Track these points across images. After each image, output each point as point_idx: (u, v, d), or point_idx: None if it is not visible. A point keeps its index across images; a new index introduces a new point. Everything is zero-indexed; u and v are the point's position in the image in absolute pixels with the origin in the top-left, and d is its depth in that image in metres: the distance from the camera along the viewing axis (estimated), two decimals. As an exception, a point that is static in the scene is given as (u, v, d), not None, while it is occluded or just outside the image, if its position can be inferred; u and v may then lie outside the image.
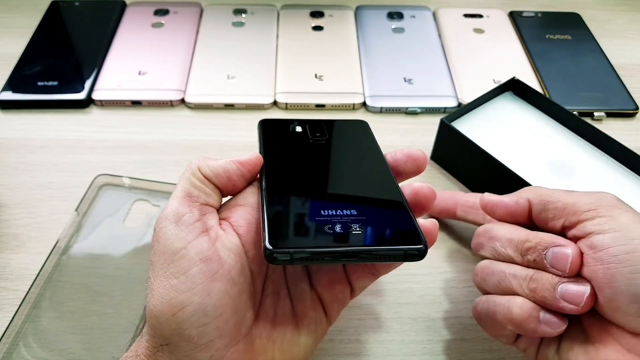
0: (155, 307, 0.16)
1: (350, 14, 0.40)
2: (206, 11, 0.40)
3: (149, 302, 0.16)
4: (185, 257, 0.16)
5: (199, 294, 0.16)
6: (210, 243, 0.17)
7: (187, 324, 0.16)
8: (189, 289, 0.16)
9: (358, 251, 0.16)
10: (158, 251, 0.17)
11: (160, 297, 0.16)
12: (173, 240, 0.16)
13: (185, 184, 0.18)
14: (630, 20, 0.42)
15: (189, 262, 0.16)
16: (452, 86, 0.35)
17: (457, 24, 0.39)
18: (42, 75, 0.34)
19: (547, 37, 0.39)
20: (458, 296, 0.24)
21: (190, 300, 0.16)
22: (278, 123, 0.22)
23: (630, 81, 0.35)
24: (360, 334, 0.23)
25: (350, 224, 0.16)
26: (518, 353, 0.22)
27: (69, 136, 0.31)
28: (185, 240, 0.16)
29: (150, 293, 0.16)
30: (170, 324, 0.16)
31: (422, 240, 0.16)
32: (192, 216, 0.17)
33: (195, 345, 0.16)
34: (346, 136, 0.22)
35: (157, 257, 0.17)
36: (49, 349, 0.22)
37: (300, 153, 0.20)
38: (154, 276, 0.16)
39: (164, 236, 0.17)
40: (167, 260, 0.16)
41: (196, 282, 0.16)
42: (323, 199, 0.18)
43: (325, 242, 0.16)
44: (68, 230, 0.26)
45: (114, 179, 0.28)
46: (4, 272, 0.25)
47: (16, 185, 0.29)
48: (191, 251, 0.16)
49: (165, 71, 0.35)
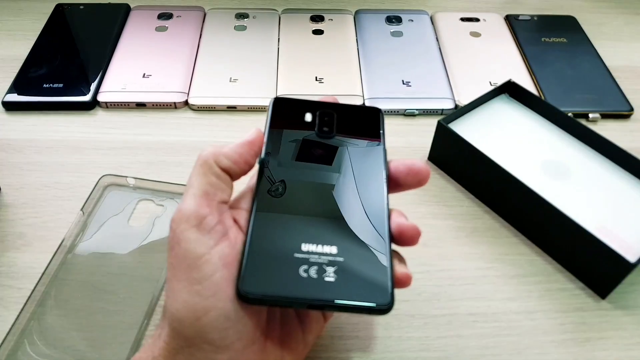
0: (179, 312, 0.16)
1: (350, 18, 0.41)
2: (209, 15, 0.41)
3: (171, 306, 0.16)
4: (209, 263, 0.16)
5: (223, 299, 0.16)
6: (231, 247, 0.17)
7: (210, 328, 0.16)
8: (213, 295, 0.16)
9: (325, 305, 0.16)
10: (180, 255, 0.16)
11: (185, 302, 0.16)
12: (195, 245, 0.16)
13: (202, 182, 0.17)
14: (625, 23, 0.42)
15: (212, 267, 0.16)
16: (449, 89, 0.35)
17: (454, 28, 0.40)
18: (47, 78, 0.34)
19: (543, 40, 0.39)
20: (455, 293, 0.25)
21: (214, 305, 0.16)
22: (290, 105, 0.21)
23: (625, 83, 0.36)
24: (359, 330, 0.23)
25: (326, 266, 0.17)
26: (514, 349, 0.23)
27: (75, 137, 0.32)
28: (208, 246, 0.16)
29: (172, 296, 0.16)
30: (194, 328, 0.16)
31: (390, 299, 0.16)
32: (213, 219, 0.17)
33: (216, 347, 0.16)
34: (353, 133, 0.21)
35: (178, 261, 0.16)
36: (54, 346, 0.22)
37: (301, 154, 0.20)
38: (176, 280, 0.16)
39: (186, 240, 0.16)
40: (190, 265, 0.16)
41: (220, 287, 0.16)
42: (307, 228, 0.18)
43: (296, 289, 0.16)
44: (73, 229, 0.26)
45: (119, 179, 0.29)
46: (10, 270, 0.25)
47: (22, 185, 0.29)
48: (214, 257, 0.16)
49: (169, 74, 0.35)
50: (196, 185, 0.17)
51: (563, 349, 0.23)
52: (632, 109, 0.34)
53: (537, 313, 0.24)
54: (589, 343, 0.23)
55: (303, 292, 0.16)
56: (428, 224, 0.28)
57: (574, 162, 0.29)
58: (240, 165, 0.18)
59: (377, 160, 0.20)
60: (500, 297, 0.25)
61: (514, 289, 0.25)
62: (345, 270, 0.17)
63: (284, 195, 0.18)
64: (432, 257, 0.26)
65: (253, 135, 0.19)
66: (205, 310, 0.16)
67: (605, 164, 0.28)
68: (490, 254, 0.26)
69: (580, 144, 0.29)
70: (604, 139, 0.28)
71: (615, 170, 0.28)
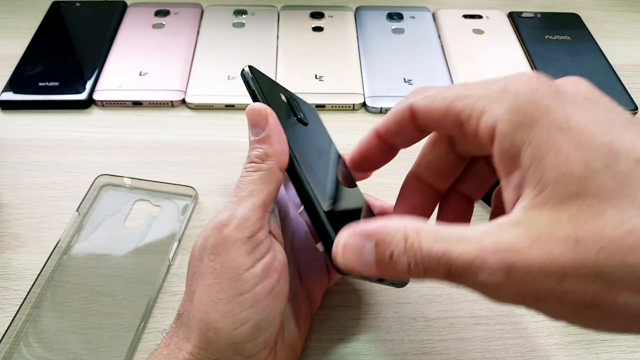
0: (217, 322, 0.16)
1: (350, 14, 0.41)
2: (207, 12, 0.40)
3: (208, 315, 0.16)
4: (253, 275, 0.16)
5: (260, 310, 0.16)
6: (274, 260, 0.17)
7: (244, 338, 0.16)
8: (252, 306, 0.16)
9: None
10: (227, 264, 0.16)
11: (224, 311, 0.16)
12: (245, 258, 0.16)
13: (265, 192, 0.16)
14: (629, 21, 0.42)
15: (256, 279, 0.16)
16: (452, 87, 0.35)
17: (457, 25, 0.40)
18: (43, 76, 0.34)
19: (547, 37, 0.39)
20: (457, 296, 0.24)
21: (252, 316, 0.16)
22: (267, 81, 0.19)
23: (630, 81, 0.35)
24: (360, 333, 0.23)
25: None
26: (518, 352, 0.22)
27: (70, 136, 0.31)
28: (255, 258, 0.16)
29: (211, 305, 0.16)
30: (229, 338, 0.16)
31: None
32: (264, 232, 0.16)
33: (244, 357, 0.16)
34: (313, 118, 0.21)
35: (223, 269, 0.16)
36: (49, 348, 0.22)
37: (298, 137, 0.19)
38: (218, 288, 0.16)
39: (236, 250, 0.16)
40: (235, 276, 0.16)
41: (259, 299, 0.16)
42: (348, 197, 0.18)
43: None
44: (69, 230, 0.26)
45: (115, 179, 0.28)
46: (5, 272, 0.25)
47: (17, 185, 0.29)
48: (259, 268, 0.16)
49: (166, 72, 0.35)
50: (257, 195, 0.16)
51: (567, 351, 0.23)
52: (636, 107, 0.34)
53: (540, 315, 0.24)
54: (593, 346, 0.23)
55: None
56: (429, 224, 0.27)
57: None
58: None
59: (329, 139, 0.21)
60: (503, 299, 0.24)
61: (517, 291, 0.25)
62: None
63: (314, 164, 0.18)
64: (434, 258, 0.26)
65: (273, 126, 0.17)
66: (243, 321, 0.16)
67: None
68: (493, 255, 0.26)
69: (584, 143, 0.29)
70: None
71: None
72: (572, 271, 0.11)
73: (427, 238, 0.13)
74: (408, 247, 0.13)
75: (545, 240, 0.11)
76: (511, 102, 0.13)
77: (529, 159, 0.12)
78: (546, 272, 0.11)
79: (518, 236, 0.12)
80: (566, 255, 0.11)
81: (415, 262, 0.13)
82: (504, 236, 0.12)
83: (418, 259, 0.12)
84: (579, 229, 0.11)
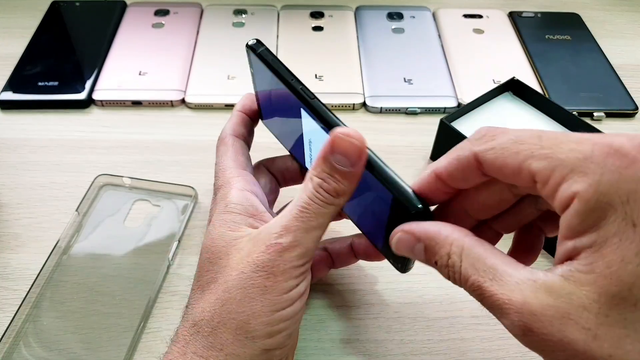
0: (256, 331, 0.16)
1: (350, 14, 0.40)
2: (206, 12, 0.40)
3: (250, 323, 0.16)
4: (298, 293, 0.17)
5: (295, 322, 0.17)
6: (310, 276, 0.18)
7: (276, 345, 0.17)
8: (290, 318, 0.17)
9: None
10: (278, 284, 0.16)
11: (265, 323, 0.16)
12: (296, 280, 0.17)
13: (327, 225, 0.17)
14: (630, 21, 0.42)
15: (297, 296, 0.17)
16: (452, 86, 0.35)
17: (457, 25, 0.40)
18: (42, 76, 0.34)
19: (547, 37, 0.39)
20: (457, 296, 0.24)
21: (288, 327, 0.17)
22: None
23: (630, 81, 0.35)
24: (360, 333, 0.23)
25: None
26: (518, 352, 0.22)
27: (70, 136, 0.31)
28: (301, 279, 0.17)
29: (253, 314, 0.16)
30: (263, 345, 0.17)
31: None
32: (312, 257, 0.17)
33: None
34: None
35: (274, 287, 0.16)
36: (49, 348, 0.22)
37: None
38: (264, 301, 0.16)
39: (290, 275, 0.16)
40: (282, 293, 0.17)
41: (296, 312, 0.17)
42: None
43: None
44: (69, 230, 0.26)
45: (115, 179, 0.28)
46: (4, 271, 0.25)
47: (17, 185, 0.29)
48: (302, 288, 0.17)
49: (166, 71, 0.35)
50: (322, 229, 0.17)
51: (567, 352, 0.23)
52: (637, 107, 0.34)
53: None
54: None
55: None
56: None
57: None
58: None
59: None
60: (503, 299, 0.24)
61: (518, 291, 0.25)
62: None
63: None
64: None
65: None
66: (280, 331, 0.17)
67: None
68: (493, 255, 0.26)
69: (584, 143, 0.29)
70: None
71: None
72: (580, 357, 0.12)
73: (467, 265, 0.14)
74: (450, 264, 0.14)
75: (568, 322, 0.12)
76: (595, 179, 0.12)
77: (591, 240, 0.12)
78: (558, 349, 0.12)
79: (546, 306, 0.12)
80: (581, 345, 0.12)
81: (453, 277, 0.15)
82: (534, 299, 0.13)
83: (456, 277, 0.14)
84: (600, 329, 0.12)
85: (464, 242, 0.14)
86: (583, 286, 0.12)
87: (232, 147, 0.20)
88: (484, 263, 0.14)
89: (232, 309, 0.16)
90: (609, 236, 0.12)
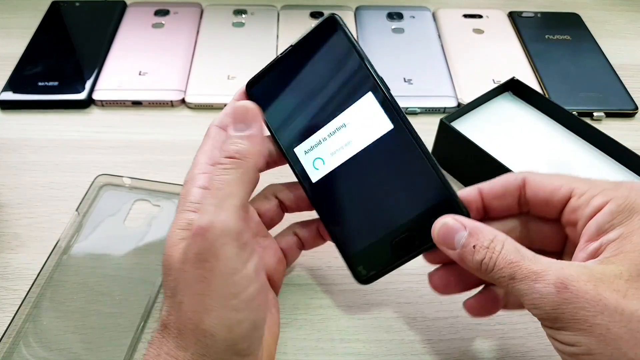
0: (213, 327, 0.16)
1: (350, 14, 0.41)
2: (206, 12, 0.40)
3: (204, 321, 0.16)
4: (245, 277, 0.16)
5: (254, 310, 0.16)
6: (260, 259, 0.17)
7: (241, 339, 0.16)
8: (246, 307, 0.16)
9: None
10: (216, 270, 0.16)
11: (219, 317, 0.16)
12: (235, 261, 0.16)
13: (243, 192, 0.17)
14: (630, 20, 0.42)
15: (248, 281, 0.16)
16: (452, 86, 0.35)
17: (457, 25, 0.40)
18: (42, 76, 0.34)
19: (547, 37, 0.39)
20: (458, 296, 0.24)
21: (247, 317, 0.16)
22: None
23: (630, 81, 0.35)
24: (360, 333, 0.23)
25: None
26: (518, 352, 0.22)
27: (70, 136, 0.31)
28: (244, 260, 0.16)
29: (205, 312, 0.16)
30: (226, 342, 0.16)
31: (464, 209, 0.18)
32: (248, 232, 0.17)
33: (242, 356, 0.16)
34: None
35: (213, 275, 0.16)
36: (49, 348, 0.22)
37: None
38: (210, 295, 0.16)
39: (225, 256, 0.16)
40: (227, 280, 0.16)
41: (253, 299, 0.16)
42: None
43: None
44: (69, 230, 0.26)
45: (115, 179, 0.28)
46: (4, 271, 0.25)
47: (17, 185, 0.29)
48: (250, 270, 0.16)
49: (166, 71, 0.35)
50: (237, 195, 0.16)
51: (567, 352, 0.23)
52: (636, 107, 0.34)
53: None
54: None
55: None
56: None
57: (579, 161, 0.28)
58: (267, 158, 0.19)
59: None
60: (503, 299, 0.24)
61: (517, 291, 0.25)
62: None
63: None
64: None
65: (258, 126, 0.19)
66: (239, 323, 0.16)
67: (610, 163, 0.28)
68: (493, 255, 0.26)
69: (584, 143, 0.29)
70: (609, 138, 0.28)
71: (619, 169, 0.28)
72: (611, 310, 0.14)
73: (509, 248, 0.16)
74: (490, 246, 0.16)
75: (601, 284, 0.15)
76: (625, 193, 0.16)
77: (617, 234, 0.16)
78: (590, 304, 0.14)
79: (581, 273, 0.15)
80: (612, 301, 0.14)
81: (489, 258, 0.16)
82: (569, 268, 0.15)
83: (493, 258, 0.16)
84: (629, 290, 0.14)
85: (507, 238, 0.17)
86: (613, 263, 0.15)
87: (210, 140, 0.20)
88: (525, 251, 0.16)
89: (185, 309, 0.16)
90: (634, 228, 0.15)
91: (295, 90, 0.21)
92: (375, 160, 0.19)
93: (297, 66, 0.20)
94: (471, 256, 0.17)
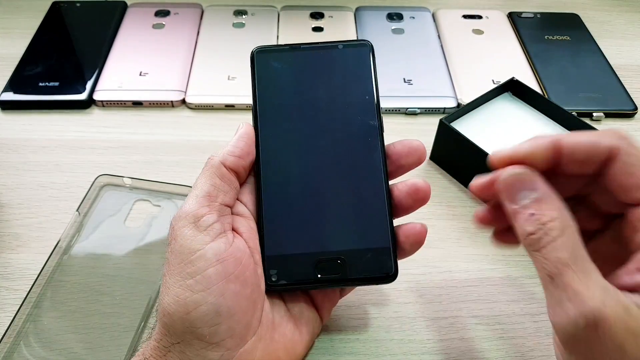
0: (169, 306, 0.16)
1: (350, 15, 0.41)
2: (207, 12, 0.40)
3: (163, 300, 0.16)
4: (202, 258, 0.16)
5: (214, 294, 0.16)
6: (228, 245, 0.17)
7: (200, 322, 0.16)
8: (204, 289, 0.16)
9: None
10: (175, 250, 0.17)
11: (175, 296, 0.16)
12: (191, 241, 0.17)
13: (205, 183, 0.18)
14: (629, 21, 0.42)
15: (205, 262, 0.16)
16: (452, 87, 0.35)
17: (457, 25, 0.40)
18: (43, 76, 0.34)
19: (546, 37, 0.39)
20: (457, 296, 0.24)
21: (205, 300, 0.16)
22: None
23: (629, 81, 0.35)
24: (360, 333, 0.23)
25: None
26: (518, 352, 0.22)
27: (70, 136, 0.31)
28: (203, 242, 0.17)
29: (165, 291, 0.17)
30: (183, 322, 0.16)
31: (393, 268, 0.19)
32: (211, 217, 0.17)
33: (206, 344, 0.16)
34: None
35: (173, 256, 0.17)
36: (50, 348, 0.22)
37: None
38: (170, 274, 0.17)
39: (182, 236, 0.17)
40: (183, 260, 0.16)
41: (212, 282, 0.16)
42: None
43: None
44: (69, 230, 0.26)
45: (115, 179, 0.28)
46: (5, 271, 0.25)
47: (18, 185, 0.29)
48: (209, 252, 0.17)
49: (166, 72, 0.35)
50: (199, 187, 0.18)
51: (567, 352, 0.23)
52: (636, 108, 0.34)
53: (541, 315, 0.24)
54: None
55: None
56: (430, 224, 0.27)
57: (578, 162, 0.28)
58: (244, 157, 0.19)
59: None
60: (503, 299, 0.24)
61: (518, 291, 0.25)
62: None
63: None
64: (434, 258, 0.26)
65: (245, 129, 0.20)
66: (196, 304, 0.16)
67: (610, 163, 0.28)
68: (493, 255, 0.26)
69: (584, 143, 0.29)
70: (609, 138, 0.28)
71: (620, 170, 0.28)
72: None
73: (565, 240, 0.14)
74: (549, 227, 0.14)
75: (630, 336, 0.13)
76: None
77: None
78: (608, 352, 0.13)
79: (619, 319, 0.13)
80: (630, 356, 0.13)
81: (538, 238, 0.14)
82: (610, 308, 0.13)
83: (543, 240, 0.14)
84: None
85: (571, 226, 0.14)
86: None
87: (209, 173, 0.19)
88: (580, 253, 0.14)
89: (160, 291, 0.17)
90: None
91: (298, 84, 0.21)
92: (334, 181, 0.19)
93: (312, 63, 0.21)
94: (523, 222, 0.14)
